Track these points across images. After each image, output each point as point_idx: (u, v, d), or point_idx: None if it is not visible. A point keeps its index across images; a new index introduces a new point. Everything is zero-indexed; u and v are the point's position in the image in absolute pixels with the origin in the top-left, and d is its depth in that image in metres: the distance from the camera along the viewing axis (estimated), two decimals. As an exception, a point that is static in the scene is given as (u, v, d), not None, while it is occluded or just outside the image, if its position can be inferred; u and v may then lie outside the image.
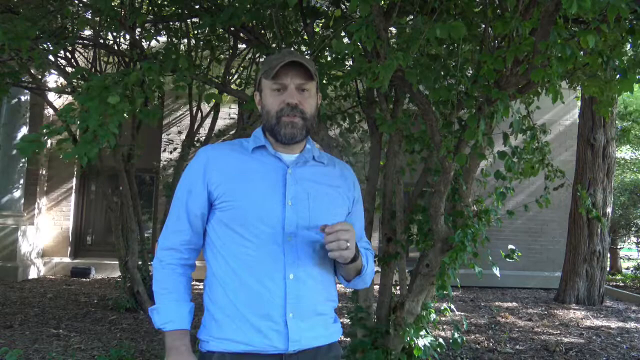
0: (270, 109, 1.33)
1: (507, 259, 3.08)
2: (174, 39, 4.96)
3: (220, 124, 8.27)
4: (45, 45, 3.79)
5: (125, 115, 2.72)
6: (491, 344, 4.83)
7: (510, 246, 3.15)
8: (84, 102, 2.66)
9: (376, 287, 3.46)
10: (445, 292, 2.89)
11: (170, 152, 8.26)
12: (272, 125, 1.33)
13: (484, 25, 3.04)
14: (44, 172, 8.45)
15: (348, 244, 1.21)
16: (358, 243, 1.47)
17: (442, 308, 3.35)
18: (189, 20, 4.78)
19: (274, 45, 3.97)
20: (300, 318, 1.27)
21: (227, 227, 1.30)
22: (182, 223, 1.35)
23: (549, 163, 3.67)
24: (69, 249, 8.54)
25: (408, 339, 3.04)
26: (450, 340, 3.20)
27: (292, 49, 4.23)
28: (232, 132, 8.23)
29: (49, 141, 8.84)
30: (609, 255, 8.64)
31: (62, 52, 4.97)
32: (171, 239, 1.36)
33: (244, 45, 5.46)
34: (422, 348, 3.08)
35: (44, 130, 2.63)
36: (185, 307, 1.33)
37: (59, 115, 2.72)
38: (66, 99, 7.93)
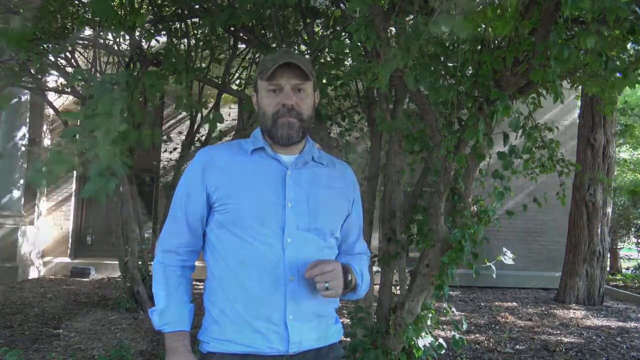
0: (266, 110, 1.32)
1: (504, 260, 3.07)
2: (174, 39, 4.96)
3: (220, 124, 8.25)
4: (45, 46, 3.79)
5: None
6: (491, 344, 4.82)
7: (504, 249, 3.14)
8: (92, 129, 2.68)
9: (376, 287, 3.46)
10: (441, 292, 2.89)
11: (170, 152, 8.26)
12: (269, 127, 1.32)
13: (484, 25, 3.03)
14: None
15: (327, 284, 1.21)
16: (356, 245, 1.47)
17: (443, 309, 3.35)
18: (189, 21, 4.78)
19: (274, 45, 3.97)
20: (300, 320, 1.27)
21: (226, 229, 1.29)
22: (180, 225, 1.34)
23: (559, 159, 3.65)
24: (69, 249, 8.53)
25: (408, 339, 3.04)
26: (451, 340, 3.20)
27: (292, 49, 4.23)
28: (231, 134, 8.23)
29: (49, 140, 8.77)
30: (609, 255, 8.63)
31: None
32: (170, 241, 1.36)
33: (244, 45, 5.46)
34: (422, 348, 3.08)
35: (53, 161, 2.65)
36: (184, 308, 1.33)
37: (65, 137, 2.75)
38: (66, 98, 7.93)
